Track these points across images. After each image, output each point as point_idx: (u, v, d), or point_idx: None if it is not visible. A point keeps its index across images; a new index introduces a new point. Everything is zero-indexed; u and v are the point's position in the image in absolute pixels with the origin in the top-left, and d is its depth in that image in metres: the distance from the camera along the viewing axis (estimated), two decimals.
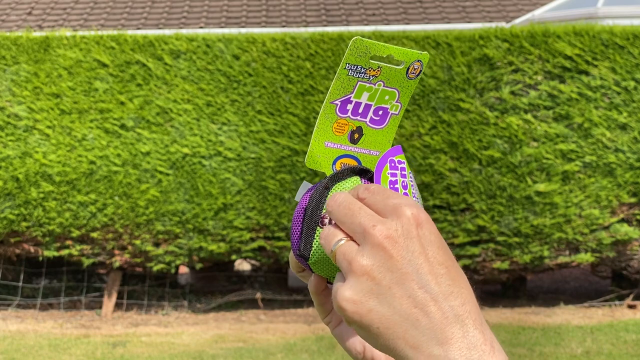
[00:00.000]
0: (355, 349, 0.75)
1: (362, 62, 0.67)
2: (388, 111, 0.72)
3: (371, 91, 0.70)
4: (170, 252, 7.05)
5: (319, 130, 0.70)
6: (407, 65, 0.70)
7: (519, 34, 6.86)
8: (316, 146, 0.70)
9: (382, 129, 0.72)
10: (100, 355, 5.88)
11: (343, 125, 0.71)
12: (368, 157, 0.73)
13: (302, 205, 0.68)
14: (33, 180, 6.90)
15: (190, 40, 7.02)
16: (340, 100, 0.69)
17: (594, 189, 6.77)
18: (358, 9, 11.57)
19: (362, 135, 0.72)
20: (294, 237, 0.69)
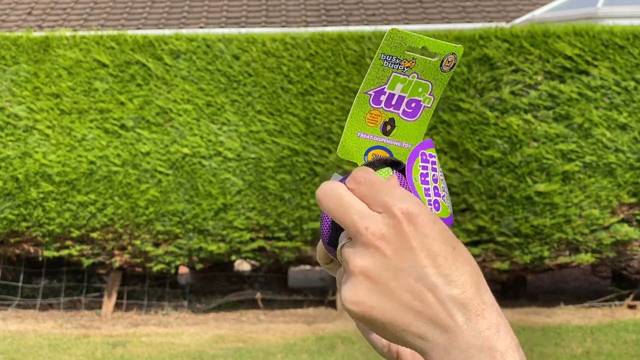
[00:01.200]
0: (381, 343, 0.76)
1: (397, 53, 0.67)
2: (421, 104, 0.72)
3: (405, 82, 0.70)
4: (170, 253, 7.04)
5: (352, 121, 0.70)
6: (442, 58, 0.70)
7: (519, 34, 6.86)
8: (349, 136, 0.70)
9: (415, 121, 0.72)
10: (100, 355, 5.88)
11: (376, 116, 0.70)
12: (400, 150, 0.72)
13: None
14: (33, 181, 6.90)
15: (190, 40, 7.02)
16: (374, 91, 0.69)
17: (594, 189, 6.77)
18: (358, 9, 11.57)
19: (395, 127, 0.72)
20: (324, 227, 0.69)
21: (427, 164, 0.71)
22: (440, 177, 0.72)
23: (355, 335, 6.28)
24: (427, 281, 0.58)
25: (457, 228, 6.84)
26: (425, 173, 0.71)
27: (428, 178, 0.71)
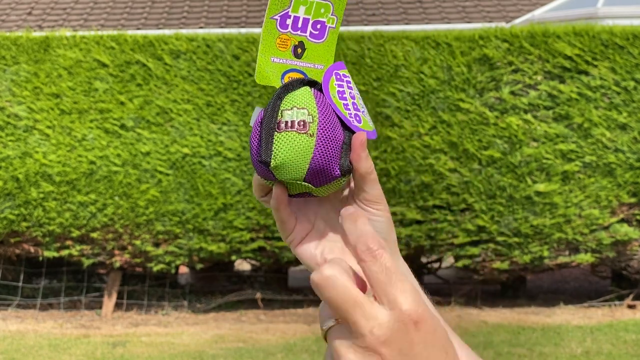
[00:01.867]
0: (316, 262, 0.77)
1: None
2: (325, 24, 0.74)
3: (307, 4, 0.72)
4: (170, 252, 7.05)
5: (264, 46, 0.73)
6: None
7: (518, 34, 6.86)
8: (263, 62, 0.72)
9: (323, 42, 0.75)
10: (100, 355, 5.88)
11: (285, 40, 0.73)
12: (313, 71, 0.75)
13: (259, 120, 0.71)
14: (33, 181, 6.91)
15: (190, 40, 7.03)
16: (279, 15, 0.72)
17: (594, 189, 6.78)
18: (358, 9, 11.57)
19: (305, 49, 0.74)
20: (253, 148, 0.71)
21: (342, 82, 0.75)
22: (357, 95, 0.75)
23: None
24: None
25: (457, 228, 6.85)
26: (342, 91, 0.74)
27: (345, 95, 0.74)
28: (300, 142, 0.70)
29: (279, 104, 0.70)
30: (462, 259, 6.99)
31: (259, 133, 0.71)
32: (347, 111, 0.73)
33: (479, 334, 6.33)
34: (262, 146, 0.70)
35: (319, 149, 0.70)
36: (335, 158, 0.71)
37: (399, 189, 6.81)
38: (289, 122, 0.69)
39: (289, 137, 0.69)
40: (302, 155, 0.70)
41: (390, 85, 6.87)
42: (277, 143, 0.69)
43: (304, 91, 0.71)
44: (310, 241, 0.78)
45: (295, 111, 0.70)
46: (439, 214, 6.84)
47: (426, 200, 6.81)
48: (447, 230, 6.84)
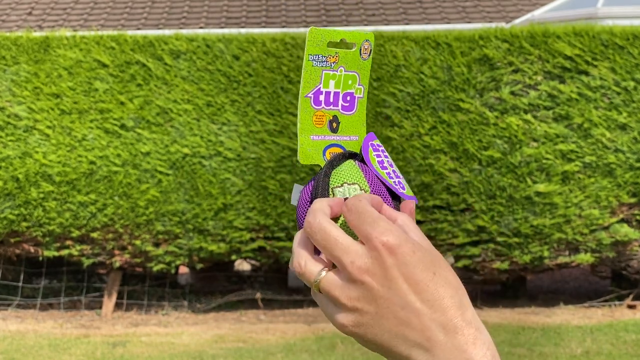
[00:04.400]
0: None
1: (321, 51, 0.71)
2: (354, 95, 0.75)
3: (335, 78, 0.73)
4: (170, 252, 7.05)
5: (303, 125, 0.73)
6: (359, 47, 0.74)
7: (518, 34, 6.87)
8: (304, 142, 0.73)
9: (354, 114, 0.76)
10: (100, 355, 5.88)
11: (321, 117, 0.74)
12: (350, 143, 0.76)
13: (306, 199, 0.71)
14: (33, 181, 6.91)
15: (190, 41, 7.03)
16: (313, 93, 0.72)
17: (594, 189, 6.78)
18: (358, 9, 11.57)
19: (339, 123, 0.75)
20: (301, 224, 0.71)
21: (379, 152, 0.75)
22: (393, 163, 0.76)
23: None
24: (410, 308, 0.64)
25: (457, 228, 6.85)
26: (381, 160, 0.75)
27: (385, 164, 0.74)
28: None
29: (327, 182, 0.71)
30: (462, 259, 6.99)
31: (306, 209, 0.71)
32: (391, 180, 0.74)
33: None
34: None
35: None
36: None
37: None
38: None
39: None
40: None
41: (390, 85, 6.87)
42: None
43: (350, 165, 0.72)
44: None
45: (347, 187, 0.71)
46: (439, 214, 6.84)
47: (426, 201, 6.81)
48: (447, 230, 6.85)
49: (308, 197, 0.72)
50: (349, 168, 0.72)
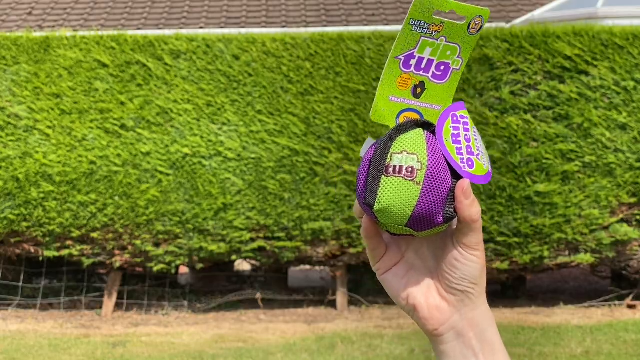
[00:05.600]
0: (400, 294, 0.80)
1: (425, 18, 0.70)
2: (450, 66, 0.74)
3: (434, 46, 0.72)
4: (171, 252, 7.05)
5: (384, 85, 0.72)
6: (469, 21, 0.72)
7: (518, 34, 6.87)
8: (381, 100, 0.72)
9: (444, 83, 0.75)
10: (100, 355, 5.89)
11: (406, 80, 0.73)
12: (430, 112, 0.75)
13: (368, 157, 0.71)
14: (33, 181, 6.91)
15: (191, 41, 7.03)
16: (404, 55, 0.71)
17: (594, 189, 6.78)
18: (358, 9, 11.58)
19: (425, 89, 0.74)
20: (360, 186, 0.72)
21: (458, 124, 0.73)
22: (474, 137, 0.74)
23: (355, 335, 6.29)
24: None
25: None
26: (456, 133, 0.73)
27: (460, 138, 0.73)
28: (406, 188, 0.69)
29: (390, 146, 0.70)
30: None
31: (367, 172, 0.71)
32: (459, 156, 0.72)
33: None
34: (367, 187, 0.70)
35: (424, 197, 0.70)
36: (440, 206, 0.71)
37: None
38: (397, 167, 0.70)
39: (396, 183, 0.69)
40: (406, 202, 0.70)
41: None
42: (382, 187, 0.70)
43: (417, 134, 0.71)
44: (398, 272, 0.80)
45: (405, 156, 0.70)
46: None
47: None
48: None
49: (369, 156, 0.72)
50: (415, 137, 0.71)
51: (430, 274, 0.79)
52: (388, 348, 5.85)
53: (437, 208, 0.71)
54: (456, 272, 0.76)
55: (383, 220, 0.72)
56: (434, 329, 0.77)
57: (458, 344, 0.76)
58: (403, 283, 0.79)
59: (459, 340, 0.76)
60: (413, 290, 0.78)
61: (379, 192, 0.70)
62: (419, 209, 0.70)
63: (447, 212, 0.72)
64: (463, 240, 0.75)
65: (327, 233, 6.90)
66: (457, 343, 0.76)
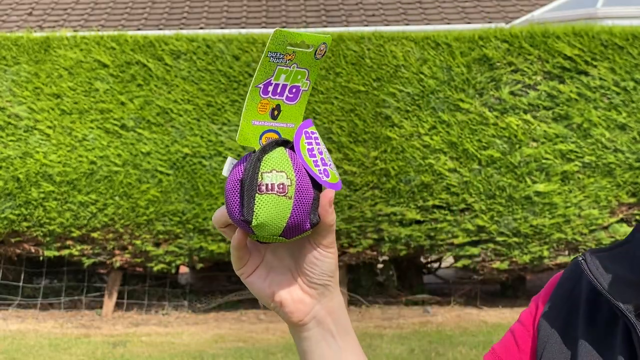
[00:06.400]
0: (266, 293, 0.87)
1: (281, 49, 0.78)
2: (300, 88, 0.83)
3: (287, 73, 0.81)
4: (171, 252, 7.06)
5: (247, 112, 0.81)
6: (315, 48, 0.81)
7: (518, 35, 6.88)
8: (245, 125, 0.81)
9: (296, 104, 0.84)
10: (101, 355, 5.89)
11: (265, 105, 0.82)
12: (286, 130, 0.84)
13: (237, 177, 0.78)
14: (34, 181, 6.92)
15: (191, 41, 7.04)
16: (263, 84, 0.80)
17: (594, 189, 6.79)
18: (358, 9, 11.58)
19: (281, 111, 0.83)
20: (233, 205, 0.78)
21: (310, 139, 0.84)
22: (324, 150, 0.84)
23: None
24: None
25: (456, 228, 6.86)
26: (311, 148, 0.83)
27: (314, 152, 0.82)
28: (280, 204, 0.77)
29: (259, 166, 0.78)
30: (461, 259, 7.00)
31: (239, 191, 0.78)
32: (317, 168, 0.81)
33: (479, 333, 6.34)
34: (243, 205, 0.77)
35: (296, 209, 0.78)
36: (307, 214, 0.80)
37: (398, 189, 6.82)
38: (269, 185, 0.77)
39: (270, 200, 0.77)
40: (281, 216, 0.77)
41: (390, 85, 6.88)
42: (258, 204, 0.77)
43: (280, 153, 0.80)
44: (260, 274, 0.87)
45: (275, 174, 0.78)
46: (438, 214, 6.85)
47: (426, 200, 6.82)
48: (447, 230, 6.86)
49: (239, 176, 0.78)
50: (279, 155, 0.79)
51: (290, 272, 0.87)
52: (388, 348, 5.86)
53: (305, 217, 0.79)
54: (316, 269, 0.84)
55: (259, 233, 0.79)
56: (299, 320, 0.85)
57: (319, 330, 0.86)
58: (267, 283, 0.86)
59: (319, 327, 0.86)
60: (277, 288, 0.86)
61: (256, 209, 0.77)
62: (292, 220, 0.78)
63: (312, 219, 0.80)
64: (322, 242, 0.84)
65: None
66: (318, 329, 0.86)
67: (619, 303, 0.87)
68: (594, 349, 0.89)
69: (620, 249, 0.95)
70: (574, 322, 0.94)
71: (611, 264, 0.92)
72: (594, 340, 0.90)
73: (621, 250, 0.94)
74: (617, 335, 0.89)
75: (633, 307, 0.87)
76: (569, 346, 0.92)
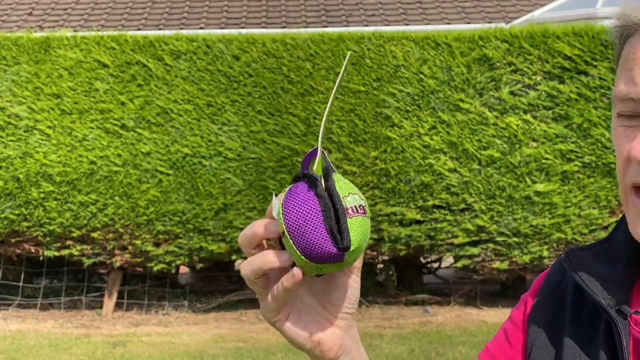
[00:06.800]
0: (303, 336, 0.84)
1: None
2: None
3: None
4: (171, 252, 7.06)
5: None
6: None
7: (518, 35, 6.88)
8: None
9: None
10: (101, 355, 5.90)
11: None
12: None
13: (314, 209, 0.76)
14: (34, 181, 6.92)
15: (191, 41, 7.04)
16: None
17: (593, 189, 6.79)
18: (358, 9, 11.59)
19: None
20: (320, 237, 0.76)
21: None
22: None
23: None
24: None
25: (456, 228, 6.86)
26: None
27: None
28: (365, 224, 0.77)
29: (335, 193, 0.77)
30: (461, 258, 7.00)
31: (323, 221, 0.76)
32: None
33: (479, 333, 6.35)
34: (336, 234, 0.75)
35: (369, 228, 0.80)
36: None
37: (398, 189, 6.82)
38: (354, 208, 0.77)
39: (358, 222, 0.77)
40: (367, 236, 0.78)
41: (390, 85, 6.89)
42: (351, 228, 0.76)
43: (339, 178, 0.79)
44: (293, 316, 0.84)
45: (352, 197, 0.78)
46: (438, 214, 6.85)
47: (426, 200, 6.82)
48: (447, 230, 6.86)
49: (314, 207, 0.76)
50: (341, 179, 0.79)
51: (313, 309, 0.84)
52: (388, 348, 5.86)
53: None
54: (350, 297, 0.83)
55: (350, 258, 0.78)
56: (335, 356, 0.83)
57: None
58: (301, 324, 0.84)
59: (347, 356, 0.84)
60: (312, 328, 0.83)
61: (351, 233, 0.76)
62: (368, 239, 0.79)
63: None
64: (357, 265, 0.83)
65: None
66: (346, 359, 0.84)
67: (600, 299, 0.89)
68: (578, 346, 0.91)
69: (602, 246, 0.96)
70: (561, 318, 0.95)
71: (593, 261, 0.94)
72: (579, 337, 0.92)
73: (603, 248, 0.96)
74: (600, 331, 0.90)
75: (614, 303, 0.88)
76: (555, 343, 0.93)
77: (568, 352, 0.91)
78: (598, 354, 0.88)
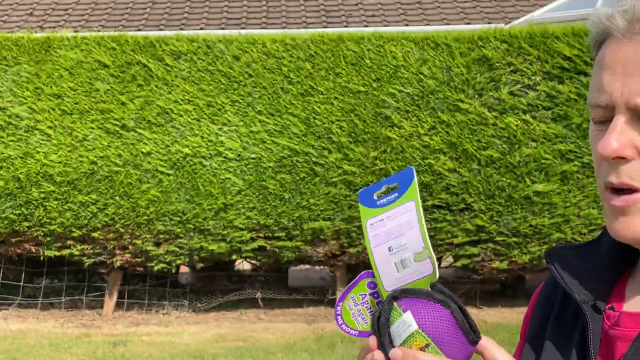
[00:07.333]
0: None
1: None
2: None
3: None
4: (171, 252, 7.08)
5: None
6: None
7: (517, 35, 6.90)
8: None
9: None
10: (101, 354, 5.91)
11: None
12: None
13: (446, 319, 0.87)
14: (34, 181, 6.94)
15: (191, 41, 7.06)
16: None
17: (593, 189, 6.80)
18: (357, 10, 11.60)
19: None
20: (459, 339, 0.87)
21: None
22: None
23: None
24: None
25: (456, 228, 6.87)
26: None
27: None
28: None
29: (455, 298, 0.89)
30: (461, 258, 7.01)
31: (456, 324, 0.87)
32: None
33: None
34: (466, 330, 0.87)
35: None
36: None
37: None
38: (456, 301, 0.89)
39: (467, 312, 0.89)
40: None
41: (390, 85, 6.90)
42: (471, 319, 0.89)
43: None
44: None
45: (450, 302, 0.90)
46: (438, 213, 6.86)
47: (425, 200, 6.84)
48: (447, 230, 6.87)
49: (446, 318, 0.87)
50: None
51: None
52: None
53: None
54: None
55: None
56: None
57: None
58: None
59: None
60: None
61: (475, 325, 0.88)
62: None
63: None
64: None
65: (327, 233, 6.93)
66: None
67: (574, 294, 0.91)
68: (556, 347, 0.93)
69: (588, 246, 0.99)
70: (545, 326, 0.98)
71: (575, 259, 0.96)
72: (559, 340, 0.94)
73: (588, 248, 0.98)
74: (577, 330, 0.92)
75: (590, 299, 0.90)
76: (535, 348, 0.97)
77: (545, 354, 0.94)
78: (571, 351, 0.91)
